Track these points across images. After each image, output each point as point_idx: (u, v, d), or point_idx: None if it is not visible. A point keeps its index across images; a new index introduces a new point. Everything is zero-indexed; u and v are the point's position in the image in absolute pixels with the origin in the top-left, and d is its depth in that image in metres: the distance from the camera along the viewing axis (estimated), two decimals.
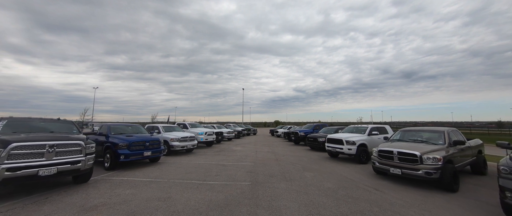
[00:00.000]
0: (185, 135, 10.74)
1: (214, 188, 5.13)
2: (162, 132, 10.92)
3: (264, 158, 9.81)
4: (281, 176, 6.43)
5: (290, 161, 9.10)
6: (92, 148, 5.19)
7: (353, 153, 8.72)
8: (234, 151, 12.51)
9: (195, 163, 8.36)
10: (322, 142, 12.32)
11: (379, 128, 10.00)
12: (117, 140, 6.99)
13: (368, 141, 9.14)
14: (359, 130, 10.19)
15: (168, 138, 10.24)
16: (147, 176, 6.22)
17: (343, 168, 7.86)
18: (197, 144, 13.21)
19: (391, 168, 5.86)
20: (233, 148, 13.83)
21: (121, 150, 6.75)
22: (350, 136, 9.30)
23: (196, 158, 9.61)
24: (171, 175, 6.39)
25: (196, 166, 7.73)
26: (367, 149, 9.00)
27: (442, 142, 6.05)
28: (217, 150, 12.90)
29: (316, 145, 12.66)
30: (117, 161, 6.72)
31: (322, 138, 12.44)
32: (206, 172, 6.87)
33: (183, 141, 10.48)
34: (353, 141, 8.81)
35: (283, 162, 8.82)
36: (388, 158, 6.06)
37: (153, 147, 7.66)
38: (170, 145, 10.07)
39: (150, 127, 11.77)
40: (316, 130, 16.63)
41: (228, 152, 11.82)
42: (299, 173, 6.93)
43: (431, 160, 5.26)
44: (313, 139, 12.89)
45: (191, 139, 10.98)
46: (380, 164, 6.22)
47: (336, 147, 9.29)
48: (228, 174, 6.64)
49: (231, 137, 20.11)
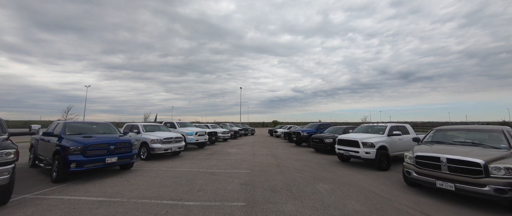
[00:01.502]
0: (170, 136, 9.05)
1: (190, 214, 3.49)
2: (142, 131, 9.22)
3: (263, 163, 8.18)
4: (286, 191, 4.80)
5: (294, 167, 7.48)
6: (9, 155, 3.50)
7: (371, 157, 7.14)
8: (229, 153, 10.85)
9: (177, 171, 6.69)
10: (329, 143, 10.74)
11: (400, 126, 8.44)
12: (69, 142, 5.30)
13: (388, 143, 7.56)
14: (376, 129, 8.61)
15: (148, 139, 8.55)
16: (102, 192, 4.54)
17: (363, 177, 6.26)
18: (187, 146, 11.54)
19: (439, 181, 4.26)
20: (228, 150, 12.17)
21: (73, 155, 5.06)
22: (366, 136, 7.71)
23: (181, 164, 7.94)
24: (137, 190, 4.72)
25: (177, 176, 6.07)
26: (388, 152, 7.42)
27: (505, 145, 4.47)
28: (209, 152, 11.23)
29: (322, 146, 11.07)
30: (67, 171, 5.02)
31: (329, 139, 10.86)
32: (187, 184, 5.21)
33: (167, 142, 8.80)
34: (372, 143, 7.23)
35: (287, 169, 7.20)
36: (432, 166, 4.47)
37: (121, 151, 5.98)
38: (150, 147, 8.38)
39: (129, 126, 10.07)
40: (320, 130, 15.05)
41: (222, 155, 10.16)
42: (309, 185, 5.31)
43: (503, 172, 3.68)
44: (319, 140, 11.29)
45: (177, 140, 9.29)
46: (420, 174, 4.63)
47: (350, 150, 7.69)
48: (216, 187, 4.99)
49: (226, 137, 18.44)
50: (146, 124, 10.08)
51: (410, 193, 4.77)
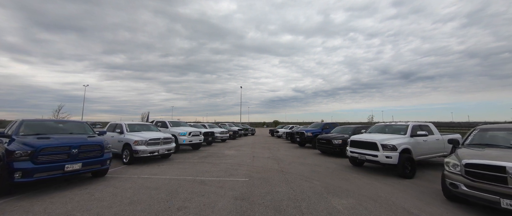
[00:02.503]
0: (157, 136, 7.91)
1: None
2: (125, 131, 8.09)
3: (263, 168, 7.03)
4: (294, 209, 3.65)
5: (300, 173, 6.33)
6: None
7: (393, 162, 5.96)
8: (225, 156, 9.71)
9: (159, 180, 5.55)
10: (338, 145, 9.57)
11: (423, 126, 7.26)
12: (17, 145, 4.16)
13: (412, 145, 6.39)
14: (394, 129, 7.43)
15: (130, 140, 7.41)
16: (47, 214, 3.40)
17: (387, 188, 5.09)
18: (179, 147, 10.41)
19: (505, 200, 3.10)
20: (225, 152, 11.03)
21: (19, 162, 3.93)
22: (386, 137, 6.53)
23: (167, 169, 6.80)
24: (94, 210, 3.58)
25: (157, 186, 4.93)
26: (412, 156, 6.26)
27: None
28: (204, 155, 10.09)
29: (329, 148, 9.90)
30: (11, 182, 3.89)
31: (337, 140, 9.69)
32: (166, 199, 4.07)
33: (153, 143, 7.66)
34: (393, 145, 6.05)
35: (292, 176, 6.04)
36: (493, 179, 3.30)
37: (88, 155, 4.84)
38: (133, 149, 7.25)
39: (113, 125, 8.94)
40: (326, 130, 13.87)
41: (217, 158, 9.02)
42: (322, 199, 4.15)
43: None
44: (326, 141, 10.12)
45: (166, 141, 8.16)
46: (473, 188, 3.46)
47: (366, 153, 6.52)
48: (202, 204, 3.85)
49: (224, 137, 17.30)
50: (132, 123, 8.95)
51: (459, 214, 3.60)
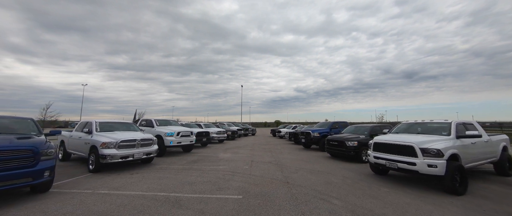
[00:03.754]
0: (132, 137, 6.42)
1: None
2: (94, 131, 6.60)
3: (263, 178, 5.50)
4: None
5: (312, 186, 4.79)
6: None
7: (439, 173, 4.39)
8: (219, 160, 8.19)
9: (117, 198, 4.05)
10: (353, 147, 8.01)
11: (468, 124, 5.68)
12: None
13: (460, 150, 4.82)
14: (431, 128, 5.84)
15: (98, 143, 5.93)
16: None
17: (438, 211, 3.53)
18: (166, 150, 8.92)
19: None
20: (219, 155, 9.52)
21: None
22: (425, 140, 4.94)
23: (139, 180, 5.31)
24: None
25: (109, 211, 3.43)
26: (462, 163, 4.69)
27: None
28: (194, 159, 8.59)
29: (342, 151, 8.34)
30: None
31: (352, 142, 8.13)
32: None
33: (127, 146, 6.18)
34: (438, 150, 4.49)
35: (301, 189, 4.51)
36: None
37: (9, 165, 3.36)
38: (99, 154, 5.77)
39: (83, 123, 7.48)
40: (335, 130, 12.31)
41: (208, 163, 7.51)
42: None
43: None
44: (338, 143, 8.56)
45: (144, 143, 6.67)
46: None
47: (398, 159, 4.95)
48: None
49: (222, 138, 15.80)
50: (105, 121, 7.46)
51: None
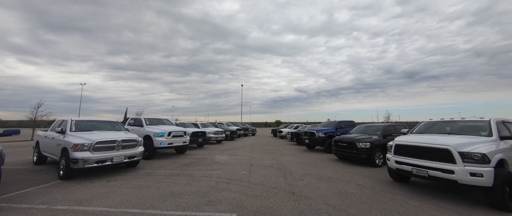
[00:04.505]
0: (111, 138, 5.52)
1: None
2: (68, 131, 5.70)
3: (264, 188, 4.59)
4: None
5: (324, 199, 3.88)
6: None
7: (486, 184, 3.47)
8: (214, 164, 7.29)
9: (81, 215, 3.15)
10: (366, 149, 7.10)
11: (507, 122, 4.74)
12: None
13: (506, 154, 3.90)
14: (464, 128, 4.89)
15: (69, 144, 5.04)
16: None
17: None
18: (155, 152, 8.03)
19: None
20: (215, 158, 8.62)
21: None
22: (464, 141, 3.99)
23: (114, 190, 4.41)
24: None
25: None
26: (510, 170, 3.78)
27: None
28: (186, 162, 7.69)
29: (352, 154, 7.42)
30: None
31: (364, 143, 7.22)
32: None
33: (104, 149, 5.29)
34: (483, 155, 3.56)
35: (311, 203, 3.60)
36: None
37: None
38: (70, 157, 4.87)
39: (58, 122, 6.60)
40: (341, 130, 11.40)
41: (202, 167, 6.61)
42: None
43: None
44: (348, 144, 7.64)
45: (126, 144, 5.78)
46: None
47: (430, 166, 4.02)
48: None
49: (220, 138, 14.90)
50: (84, 120, 6.56)
51: None
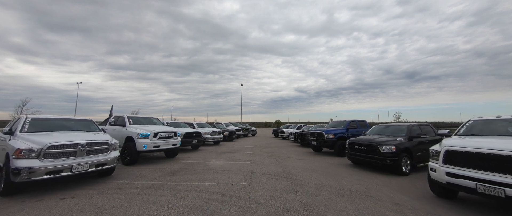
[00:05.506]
0: (72, 141, 4.27)
1: None
2: (18, 133, 4.45)
3: (270, 209, 3.35)
4: None
5: None
6: None
7: None
8: (207, 171, 6.06)
9: None
10: (391, 154, 5.87)
11: None
12: None
13: None
14: None
15: (12, 150, 3.79)
16: None
17: None
18: (138, 155, 6.80)
19: None
20: (210, 163, 7.39)
21: None
22: None
23: (65, 212, 3.17)
24: None
25: None
26: None
27: None
28: (174, 168, 6.45)
29: (373, 159, 6.19)
30: None
31: (388, 146, 5.99)
32: None
33: (61, 155, 4.05)
34: None
35: None
36: None
37: None
38: (11, 167, 3.63)
39: (12, 122, 5.36)
40: (352, 130, 10.17)
41: (190, 177, 5.38)
42: None
43: None
44: (368, 148, 6.41)
45: (93, 149, 4.53)
46: None
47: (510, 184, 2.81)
48: None
49: (217, 139, 13.66)
50: (45, 117, 5.30)
51: None
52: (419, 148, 6.50)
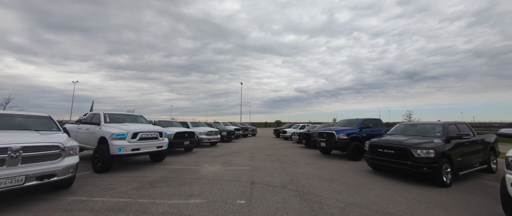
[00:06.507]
0: (3, 145, 3.01)
1: None
2: None
3: None
4: None
5: None
6: None
7: None
8: (197, 181, 4.80)
9: None
10: (428, 160, 4.63)
11: None
12: None
13: None
14: None
15: None
16: None
17: None
18: (113, 160, 5.55)
19: None
20: (202, 168, 6.14)
21: None
22: None
23: None
24: None
25: None
26: None
27: None
28: (157, 177, 5.19)
29: (405, 166, 4.92)
30: None
31: (424, 150, 4.73)
32: None
33: None
34: None
35: None
36: None
37: None
38: None
39: None
40: (366, 130, 8.92)
41: (170, 192, 4.12)
42: None
43: None
44: (397, 151, 5.13)
45: (27, 156, 3.28)
46: None
47: None
48: None
49: (214, 140, 12.39)
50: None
51: None
52: (459, 151, 5.24)
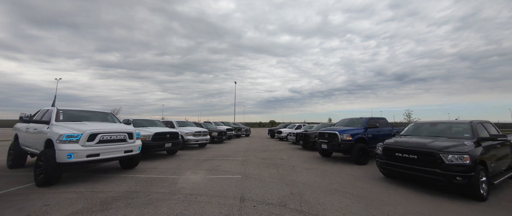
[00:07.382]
0: None
1: None
2: None
3: None
4: None
5: None
6: None
7: None
8: (167, 200, 3.64)
9: None
10: (461, 167, 3.64)
11: None
12: None
13: None
14: None
15: None
16: None
17: None
18: (55, 171, 4.27)
19: None
20: (180, 179, 4.98)
21: None
22: None
23: None
24: None
25: None
26: None
27: None
28: (118, 192, 3.99)
29: (433, 176, 3.95)
30: None
31: (456, 155, 3.75)
32: None
33: None
34: None
35: None
36: None
37: None
38: None
39: None
40: (372, 130, 7.99)
41: (132, 212, 2.96)
42: None
43: None
44: (422, 156, 4.15)
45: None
46: None
47: None
48: None
49: (202, 141, 11.18)
50: None
51: None
52: (493, 155, 4.35)
